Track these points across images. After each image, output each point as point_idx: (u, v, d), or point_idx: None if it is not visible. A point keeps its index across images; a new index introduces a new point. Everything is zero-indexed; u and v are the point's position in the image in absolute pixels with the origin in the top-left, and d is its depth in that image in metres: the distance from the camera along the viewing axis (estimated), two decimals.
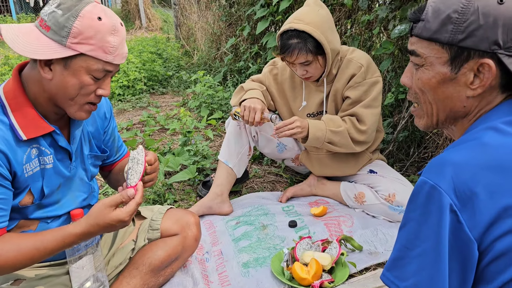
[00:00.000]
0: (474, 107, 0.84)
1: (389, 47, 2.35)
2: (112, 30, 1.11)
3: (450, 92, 0.85)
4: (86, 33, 1.07)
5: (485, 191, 0.72)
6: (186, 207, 2.22)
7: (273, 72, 2.17)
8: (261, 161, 2.74)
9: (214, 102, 3.76)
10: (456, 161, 0.76)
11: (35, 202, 1.20)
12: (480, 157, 0.75)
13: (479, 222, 0.72)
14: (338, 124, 1.91)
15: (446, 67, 0.83)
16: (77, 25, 1.07)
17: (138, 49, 5.64)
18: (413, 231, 0.79)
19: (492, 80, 0.80)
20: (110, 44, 1.11)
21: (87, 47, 1.08)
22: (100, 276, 1.34)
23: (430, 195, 0.76)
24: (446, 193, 0.74)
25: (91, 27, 1.08)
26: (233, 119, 2.06)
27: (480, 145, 0.77)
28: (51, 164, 1.21)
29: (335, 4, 2.89)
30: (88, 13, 1.08)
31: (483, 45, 0.78)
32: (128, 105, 4.14)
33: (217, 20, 5.24)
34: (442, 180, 0.75)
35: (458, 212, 0.73)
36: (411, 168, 2.48)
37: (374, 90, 1.92)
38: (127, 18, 11.33)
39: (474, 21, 0.78)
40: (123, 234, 1.53)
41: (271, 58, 3.38)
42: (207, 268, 1.72)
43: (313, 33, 1.79)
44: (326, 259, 1.61)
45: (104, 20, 1.09)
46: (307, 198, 2.24)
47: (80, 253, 1.26)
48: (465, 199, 0.73)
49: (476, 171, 0.74)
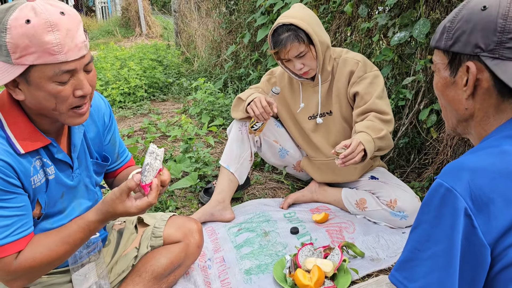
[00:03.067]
0: (477, 110, 0.88)
1: (388, 54, 2.37)
2: (47, 27, 0.98)
3: (452, 95, 0.91)
4: (21, 43, 0.97)
5: (502, 198, 0.73)
6: (188, 214, 2.23)
7: (271, 81, 2.20)
8: (263, 168, 2.75)
9: (215, 109, 3.78)
10: (474, 166, 0.77)
11: (42, 212, 1.20)
12: (499, 164, 0.76)
13: (494, 228, 0.73)
14: (379, 128, 1.82)
15: (447, 72, 0.90)
16: (9, 39, 0.97)
17: (139, 56, 5.66)
18: (425, 233, 0.79)
19: (483, 81, 0.84)
20: (51, 44, 0.99)
21: (31, 57, 0.99)
22: (103, 284, 1.34)
23: (445, 198, 0.76)
24: (462, 196, 0.74)
25: (22, 34, 0.97)
26: (251, 132, 2.07)
27: (499, 152, 0.78)
28: (53, 175, 1.20)
29: (335, 12, 2.92)
30: (14, 22, 0.97)
31: (467, 49, 0.84)
32: (129, 112, 4.16)
33: (217, 27, 5.27)
34: (458, 183, 0.76)
35: (472, 217, 0.73)
36: (411, 174, 2.48)
37: (379, 82, 1.94)
38: (127, 25, 11.38)
39: (459, 28, 0.85)
40: (126, 242, 1.53)
41: (271, 65, 3.41)
42: (209, 275, 1.73)
43: (300, 24, 1.86)
44: (329, 266, 1.62)
45: (33, 21, 0.97)
46: (309, 205, 2.25)
47: (82, 261, 1.27)
48: (481, 204, 0.74)
49: (494, 177, 0.75)
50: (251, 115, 1.98)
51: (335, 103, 2.05)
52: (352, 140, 1.71)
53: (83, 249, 1.26)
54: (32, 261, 1.10)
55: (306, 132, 2.17)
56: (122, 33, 10.79)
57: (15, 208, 1.09)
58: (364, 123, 1.85)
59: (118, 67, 5.19)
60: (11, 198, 1.08)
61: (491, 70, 0.82)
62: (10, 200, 1.08)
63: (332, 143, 2.13)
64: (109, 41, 9.18)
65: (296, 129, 2.22)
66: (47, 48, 0.99)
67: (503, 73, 0.80)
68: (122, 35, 10.60)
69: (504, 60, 0.81)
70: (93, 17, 14.69)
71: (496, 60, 0.81)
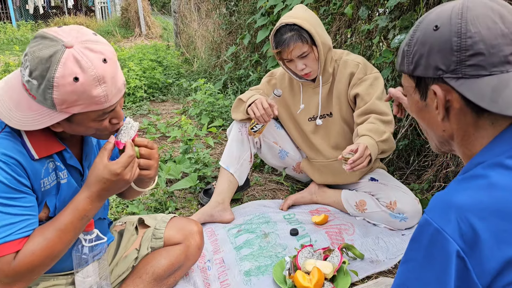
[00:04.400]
0: (455, 130, 0.84)
1: (389, 56, 2.37)
2: (96, 83, 1.01)
3: (428, 118, 0.88)
4: (69, 99, 1.00)
5: (493, 238, 0.70)
6: (188, 215, 2.23)
7: (271, 82, 2.20)
8: (262, 169, 2.75)
9: (215, 110, 3.78)
10: (462, 204, 0.73)
11: (50, 215, 1.19)
12: (487, 200, 0.72)
13: (487, 270, 0.70)
14: (382, 131, 1.82)
15: (417, 95, 0.87)
16: (57, 96, 0.99)
17: (139, 57, 5.66)
18: (415, 272, 0.77)
19: (453, 102, 0.80)
20: (99, 97, 1.03)
21: (77, 107, 1.03)
22: (104, 285, 1.34)
23: (434, 239, 0.73)
24: (452, 238, 0.71)
25: (71, 92, 0.99)
26: (251, 134, 2.07)
27: (487, 186, 0.74)
28: (66, 179, 1.20)
29: (335, 14, 2.92)
30: (61, 80, 0.98)
31: (429, 72, 0.80)
32: (128, 113, 4.16)
33: (217, 28, 5.28)
34: (447, 224, 0.72)
35: (466, 259, 0.71)
36: (411, 176, 2.49)
37: (379, 83, 1.95)
38: (126, 26, 11.37)
39: (416, 51, 0.82)
40: (126, 243, 1.53)
41: (271, 67, 3.41)
42: (209, 276, 1.73)
43: (303, 24, 1.86)
44: (328, 268, 1.62)
45: (81, 79, 0.99)
46: (308, 206, 2.25)
47: (87, 263, 1.27)
48: (472, 244, 0.71)
49: (484, 216, 0.71)
50: (251, 116, 1.98)
51: (335, 105, 2.05)
52: (358, 145, 1.70)
53: (89, 252, 1.26)
54: (31, 254, 1.07)
55: (306, 134, 2.17)
56: (122, 33, 10.78)
57: (23, 208, 1.08)
58: (366, 126, 1.84)
59: None
60: (20, 197, 1.07)
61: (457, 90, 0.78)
62: (19, 199, 1.07)
63: (332, 144, 2.13)
64: (109, 41, 9.14)
65: (296, 130, 2.22)
66: (94, 101, 1.03)
67: (470, 92, 0.77)
68: (122, 35, 10.60)
69: (469, 78, 0.77)
70: (92, 17, 14.68)
71: (461, 79, 0.78)
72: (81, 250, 1.26)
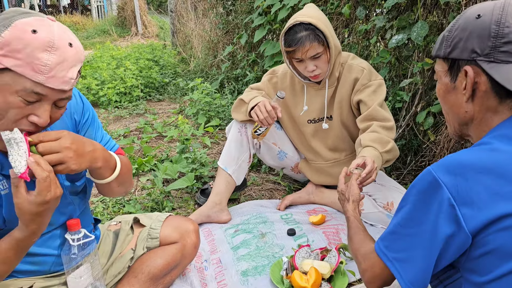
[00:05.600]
0: (476, 112, 0.94)
1: (386, 56, 2.37)
2: (47, 46, 0.95)
3: (453, 100, 0.97)
4: (13, 45, 0.93)
5: (486, 192, 0.81)
6: (185, 214, 2.22)
7: (272, 81, 2.17)
8: (259, 169, 2.74)
9: (212, 110, 3.77)
10: (464, 161, 0.85)
11: (1, 227, 1.11)
12: (487, 160, 0.84)
13: (478, 219, 0.81)
14: (386, 141, 1.78)
15: (447, 78, 0.97)
16: (5, 35, 0.93)
17: (135, 56, 5.65)
18: (410, 213, 0.91)
19: (480, 84, 0.90)
20: (41, 62, 0.94)
21: (13, 61, 0.93)
22: (99, 285, 1.33)
23: (431, 186, 0.86)
24: (446, 187, 0.83)
25: (20, 39, 0.93)
26: (254, 137, 2.05)
27: (490, 149, 0.86)
28: (7, 190, 1.09)
29: (332, 13, 2.92)
30: (22, 25, 0.94)
31: (464, 54, 0.91)
32: (125, 112, 4.14)
33: (214, 28, 5.27)
34: (445, 175, 0.84)
35: (456, 206, 0.82)
36: (408, 176, 2.49)
37: (382, 91, 1.93)
38: (123, 25, 11.35)
39: (456, 36, 0.92)
40: (122, 243, 1.52)
41: (268, 66, 3.41)
42: (205, 277, 1.72)
43: (318, 25, 1.81)
44: (325, 268, 1.61)
45: (39, 34, 0.94)
46: (305, 206, 2.25)
47: (77, 263, 1.25)
48: (465, 195, 0.82)
49: (481, 171, 0.83)
50: (255, 119, 1.96)
51: (337, 109, 2.04)
52: (364, 159, 1.64)
53: (77, 251, 1.25)
54: None
55: (305, 136, 2.16)
56: (118, 32, 10.75)
57: None
58: (370, 136, 1.80)
59: (114, 66, 5.17)
60: None
61: (488, 73, 0.88)
62: None
63: (330, 147, 2.13)
64: (105, 41, 9.14)
65: (295, 132, 2.21)
66: (34, 63, 0.94)
67: (498, 75, 0.87)
68: (118, 34, 10.57)
69: (499, 63, 0.87)
70: (88, 16, 14.64)
71: (492, 63, 0.88)
72: (70, 251, 1.24)
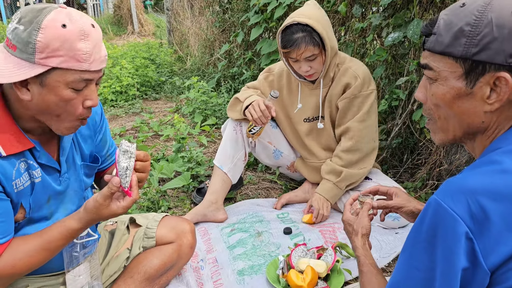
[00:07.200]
0: (493, 123, 0.81)
1: (382, 54, 2.37)
2: (81, 36, 1.02)
3: (466, 107, 0.82)
4: (52, 45, 0.99)
5: (503, 222, 0.69)
6: (181, 214, 2.21)
7: (268, 79, 2.17)
8: (256, 168, 2.74)
9: (208, 108, 3.76)
10: (474, 187, 0.72)
11: (26, 216, 1.16)
12: (501, 184, 0.71)
13: (496, 253, 0.69)
14: (338, 171, 2.00)
15: (461, 82, 0.80)
16: (41, 39, 0.98)
17: (131, 55, 5.62)
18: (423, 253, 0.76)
19: (510, 94, 0.76)
20: (81, 51, 1.02)
21: (57, 59, 1.00)
22: (96, 285, 1.33)
23: (442, 219, 0.72)
24: (462, 219, 0.70)
25: (56, 37, 0.99)
26: (249, 136, 2.05)
27: (501, 171, 0.73)
28: (40, 178, 1.16)
29: (329, 11, 2.91)
30: (50, 23, 0.99)
31: (498, 58, 0.75)
32: (121, 111, 4.12)
33: (210, 26, 5.25)
34: (457, 204, 0.71)
35: (474, 240, 0.70)
36: (404, 174, 2.49)
37: (367, 103, 1.95)
38: (119, 23, 11.29)
39: (488, 34, 0.75)
40: (118, 243, 1.51)
41: (265, 64, 3.40)
42: (202, 276, 1.71)
43: (316, 26, 1.80)
44: (322, 267, 1.61)
45: (69, 27, 1.00)
46: (302, 205, 2.24)
47: (78, 262, 1.25)
48: (482, 226, 0.70)
49: (496, 199, 0.70)
50: (249, 118, 1.95)
51: (327, 108, 2.05)
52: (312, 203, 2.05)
53: (80, 250, 1.24)
54: (11, 268, 1.08)
55: (300, 135, 2.16)
56: (114, 31, 10.70)
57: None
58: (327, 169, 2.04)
59: (110, 65, 5.15)
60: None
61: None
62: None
63: (324, 146, 2.13)
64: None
65: (290, 130, 2.20)
66: (76, 55, 1.01)
67: None
68: (114, 33, 10.52)
69: None
70: None
71: None
72: (72, 248, 1.24)
